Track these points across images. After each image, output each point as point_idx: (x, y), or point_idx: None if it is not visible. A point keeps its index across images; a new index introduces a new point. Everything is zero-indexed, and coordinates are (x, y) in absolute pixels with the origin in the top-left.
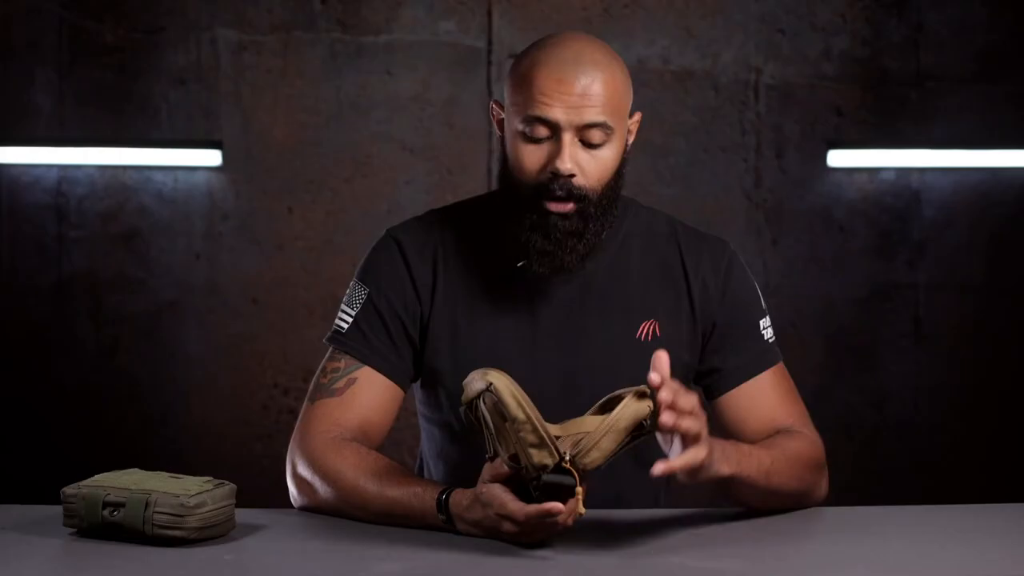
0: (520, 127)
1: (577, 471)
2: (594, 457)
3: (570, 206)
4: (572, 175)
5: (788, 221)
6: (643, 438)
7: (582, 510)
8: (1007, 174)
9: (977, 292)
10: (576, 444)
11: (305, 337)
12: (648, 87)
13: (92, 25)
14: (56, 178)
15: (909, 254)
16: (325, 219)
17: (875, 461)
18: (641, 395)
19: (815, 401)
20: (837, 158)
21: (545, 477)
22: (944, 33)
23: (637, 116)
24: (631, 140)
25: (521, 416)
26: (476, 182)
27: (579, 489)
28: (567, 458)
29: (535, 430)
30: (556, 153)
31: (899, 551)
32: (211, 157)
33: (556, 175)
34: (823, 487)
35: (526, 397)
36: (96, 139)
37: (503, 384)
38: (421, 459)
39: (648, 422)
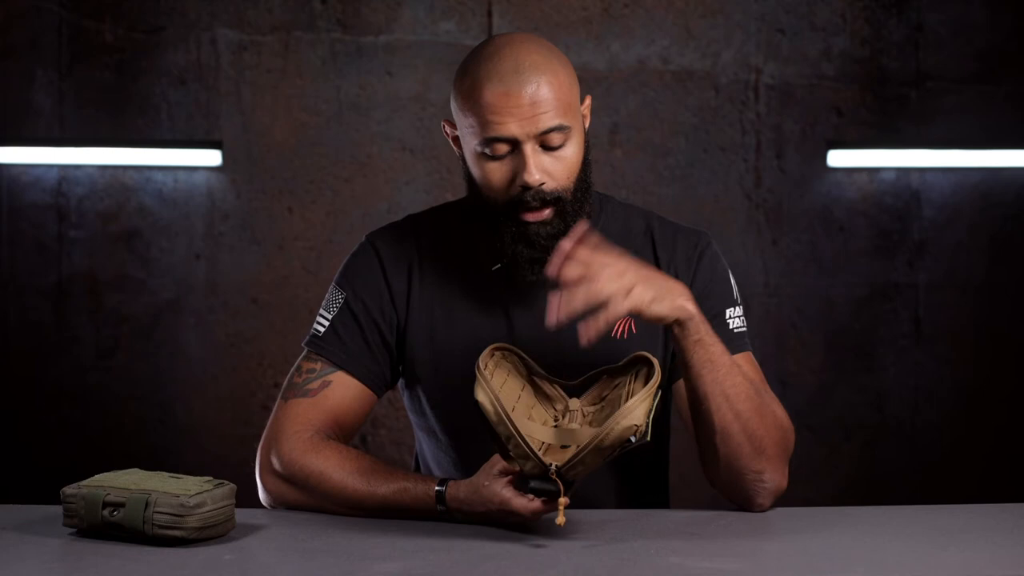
0: (479, 148)
1: (563, 482)
2: (579, 471)
3: (546, 212)
4: (542, 183)
5: (788, 221)
6: (632, 446)
7: (561, 520)
8: (1007, 174)
9: (977, 292)
10: (564, 457)
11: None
12: (648, 87)
13: (92, 25)
14: (56, 178)
15: (909, 254)
16: (325, 219)
17: (875, 461)
18: (638, 368)
19: (815, 401)
20: (837, 158)
21: (532, 484)
22: (944, 33)
23: (587, 100)
24: (587, 124)
25: (504, 433)
26: None
27: (562, 500)
28: (553, 470)
29: (519, 445)
30: (521, 166)
31: (899, 551)
32: (211, 157)
33: (526, 188)
34: (782, 473)
35: (507, 415)
36: (96, 139)
37: (486, 399)
38: (417, 460)
39: (635, 438)
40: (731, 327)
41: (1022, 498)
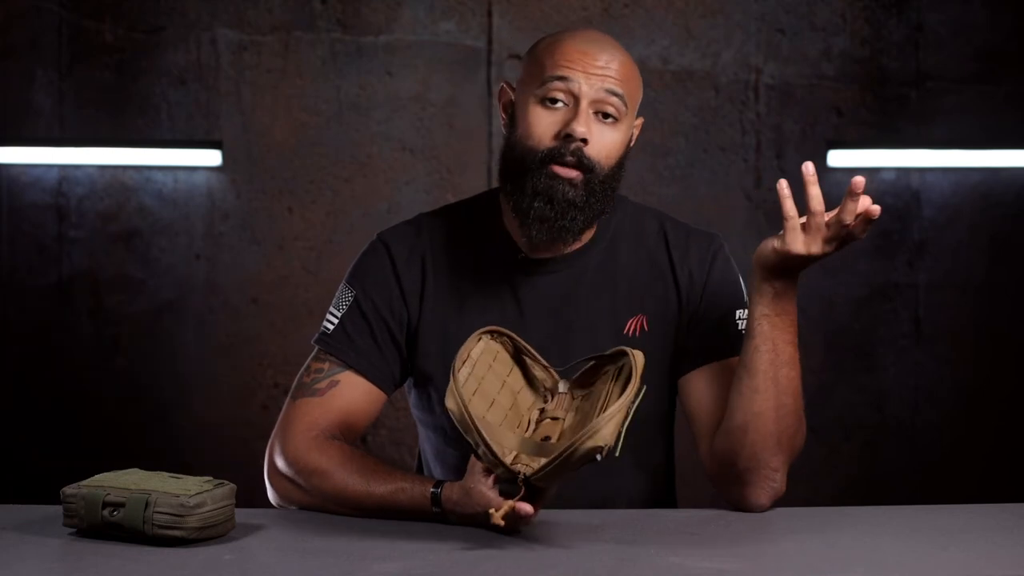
0: (538, 92)
1: (528, 487)
2: (546, 481)
3: (577, 173)
4: (585, 140)
5: None
6: (600, 459)
7: (498, 520)
8: (1007, 174)
9: (977, 292)
10: (534, 466)
11: (305, 337)
12: (648, 87)
13: (92, 25)
14: (56, 178)
15: (909, 254)
16: (325, 219)
17: (875, 461)
18: (624, 371)
19: (815, 401)
20: (837, 158)
21: (500, 485)
22: (944, 33)
23: (640, 120)
24: (632, 142)
25: (472, 440)
26: (476, 182)
27: (508, 503)
28: (521, 479)
29: (487, 454)
30: (572, 118)
31: (899, 551)
32: (211, 157)
33: (569, 139)
34: (784, 471)
35: (475, 423)
36: (96, 139)
37: (455, 407)
38: (420, 458)
39: (601, 455)
40: (740, 328)
41: (1022, 498)
